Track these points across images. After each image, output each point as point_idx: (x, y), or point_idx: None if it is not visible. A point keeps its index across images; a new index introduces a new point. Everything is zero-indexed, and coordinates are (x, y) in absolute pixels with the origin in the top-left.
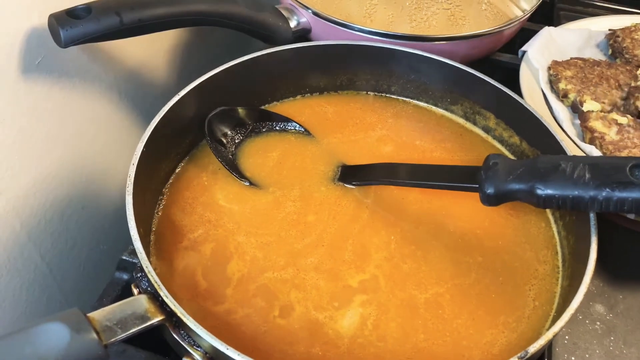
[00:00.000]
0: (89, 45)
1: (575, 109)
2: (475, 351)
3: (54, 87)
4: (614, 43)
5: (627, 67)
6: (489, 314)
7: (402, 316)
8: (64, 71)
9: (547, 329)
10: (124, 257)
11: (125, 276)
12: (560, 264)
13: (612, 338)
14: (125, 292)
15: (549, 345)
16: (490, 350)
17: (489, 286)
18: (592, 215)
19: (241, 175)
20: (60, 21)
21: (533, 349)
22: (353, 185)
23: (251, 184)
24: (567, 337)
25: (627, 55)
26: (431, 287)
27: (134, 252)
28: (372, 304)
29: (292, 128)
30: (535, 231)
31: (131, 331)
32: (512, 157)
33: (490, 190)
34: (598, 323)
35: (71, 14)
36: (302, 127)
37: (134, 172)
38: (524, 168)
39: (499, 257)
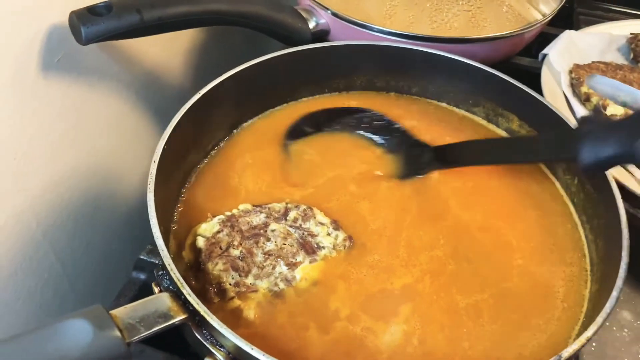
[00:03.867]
0: (108, 44)
1: (598, 113)
2: (508, 354)
3: (73, 85)
4: (635, 47)
5: None
6: (522, 316)
7: (449, 325)
8: (83, 69)
9: (578, 334)
10: (142, 257)
11: (142, 276)
12: (588, 267)
13: None
14: (142, 292)
15: (577, 354)
16: (522, 352)
17: (522, 289)
18: (623, 219)
19: None
20: (81, 18)
21: (566, 353)
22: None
23: None
24: (594, 344)
25: None
26: (474, 293)
27: (152, 252)
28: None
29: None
30: (562, 233)
31: (154, 329)
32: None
33: (589, 159)
34: (626, 330)
35: (92, 11)
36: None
37: (155, 170)
38: (624, 130)
39: (531, 260)
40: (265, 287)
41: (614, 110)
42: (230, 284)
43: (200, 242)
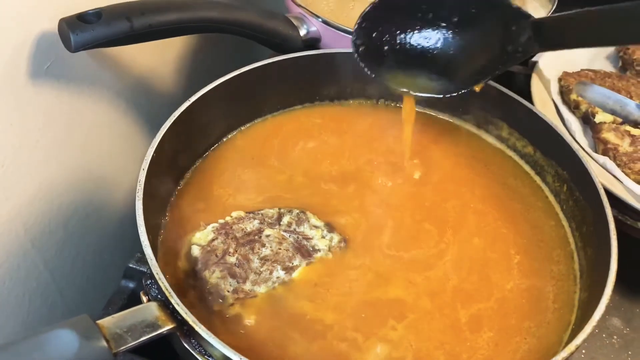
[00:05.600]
0: (98, 51)
1: (587, 120)
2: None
3: (62, 93)
4: (624, 55)
5: (638, 79)
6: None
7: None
8: (73, 77)
9: (567, 342)
10: (131, 265)
11: (131, 285)
12: (578, 274)
13: (629, 352)
14: (131, 301)
15: None
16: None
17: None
18: (611, 226)
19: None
20: (70, 25)
21: None
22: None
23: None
24: (583, 351)
25: (637, 68)
26: (475, 303)
27: (141, 260)
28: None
29: None
30: (549, 233)
31: (141, 339)
32: (527, 168)
33: None
34: (615, 337)
35: (82, 19)
36: None
37: (144, 177)
38: None
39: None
40: (264, 292)
41: (603, 118)
42: (228, 291)
43: (196, 251)
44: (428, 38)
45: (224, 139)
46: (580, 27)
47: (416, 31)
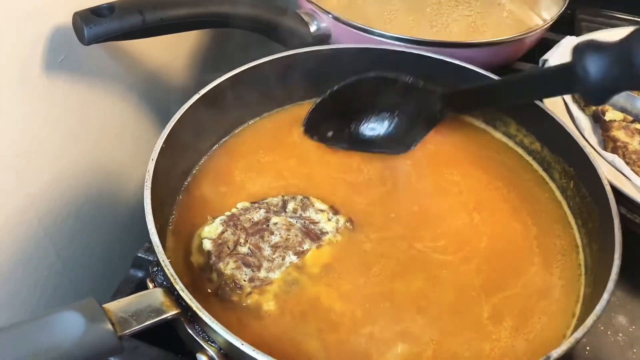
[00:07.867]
0: (111, 45)
1: (597, 118)
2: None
3: (75, 86)
4: None
5: None
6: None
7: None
8: (86, 70)
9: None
10: (140, 255)
11: (140, 274)
12: (582, 271)
13: (634, 350)
14: (139, 290)
15: (570, 358)
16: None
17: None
18: (616, 222)
19: None
20: (84, 19)
21: (556, 354)
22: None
23: None
24: (588, 347)
25: None
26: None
27: (149, 250)
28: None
29: None
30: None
31: (146, 323)
32: (534, 163)
33: (592, 85)
34: (620, 335)
35: (95, 12)
36: None
37: (152, 167)
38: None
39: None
40: (279, 277)
41: (613, 116)
42: (245, 280)
43: (208, 245)
44: (371, 128)
45: (235, 131)
46: (478, 97)
47: (361, 123)
